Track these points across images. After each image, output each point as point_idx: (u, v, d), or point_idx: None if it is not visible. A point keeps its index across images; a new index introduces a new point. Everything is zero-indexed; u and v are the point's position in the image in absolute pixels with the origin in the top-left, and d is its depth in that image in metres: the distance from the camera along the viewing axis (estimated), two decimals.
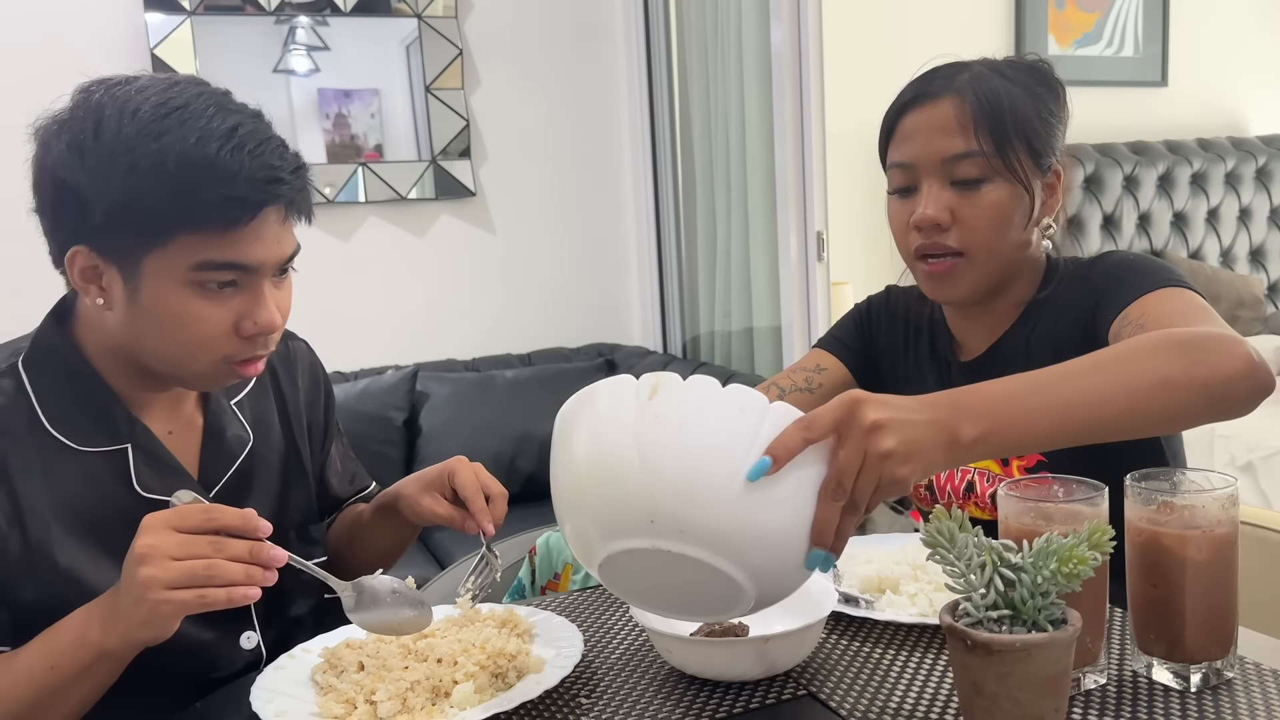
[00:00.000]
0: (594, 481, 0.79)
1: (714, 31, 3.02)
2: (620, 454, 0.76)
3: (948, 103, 1.14)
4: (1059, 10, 3.68)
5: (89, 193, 0.93)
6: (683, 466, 0.75)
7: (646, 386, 0.78)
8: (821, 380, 1.34)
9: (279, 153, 0.97)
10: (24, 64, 2.67)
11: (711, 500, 0.75)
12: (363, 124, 3.06)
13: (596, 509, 0.80)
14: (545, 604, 1.14)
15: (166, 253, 0.94)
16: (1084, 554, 0.74)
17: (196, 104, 0.95)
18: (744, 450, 0.75)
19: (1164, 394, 0.86)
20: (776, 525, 0.76)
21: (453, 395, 2.93)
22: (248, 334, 1.00)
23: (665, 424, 0.76)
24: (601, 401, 0.81)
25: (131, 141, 0.92)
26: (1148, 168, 3.67)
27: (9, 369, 1.03)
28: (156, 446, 1.06)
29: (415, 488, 1.15)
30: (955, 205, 1.14)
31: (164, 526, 0.86)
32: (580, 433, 0.81)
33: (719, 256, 3.13)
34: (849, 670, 0.93)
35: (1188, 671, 0.85)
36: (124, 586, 0.87)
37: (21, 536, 0.99)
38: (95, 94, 0.96)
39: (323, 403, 1.27)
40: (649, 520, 0.76)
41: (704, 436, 0.75)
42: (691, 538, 0.76)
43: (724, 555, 0.76)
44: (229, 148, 0.93)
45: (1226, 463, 2.64)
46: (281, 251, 1.00)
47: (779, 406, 0.77)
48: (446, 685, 0.89)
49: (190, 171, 0.92)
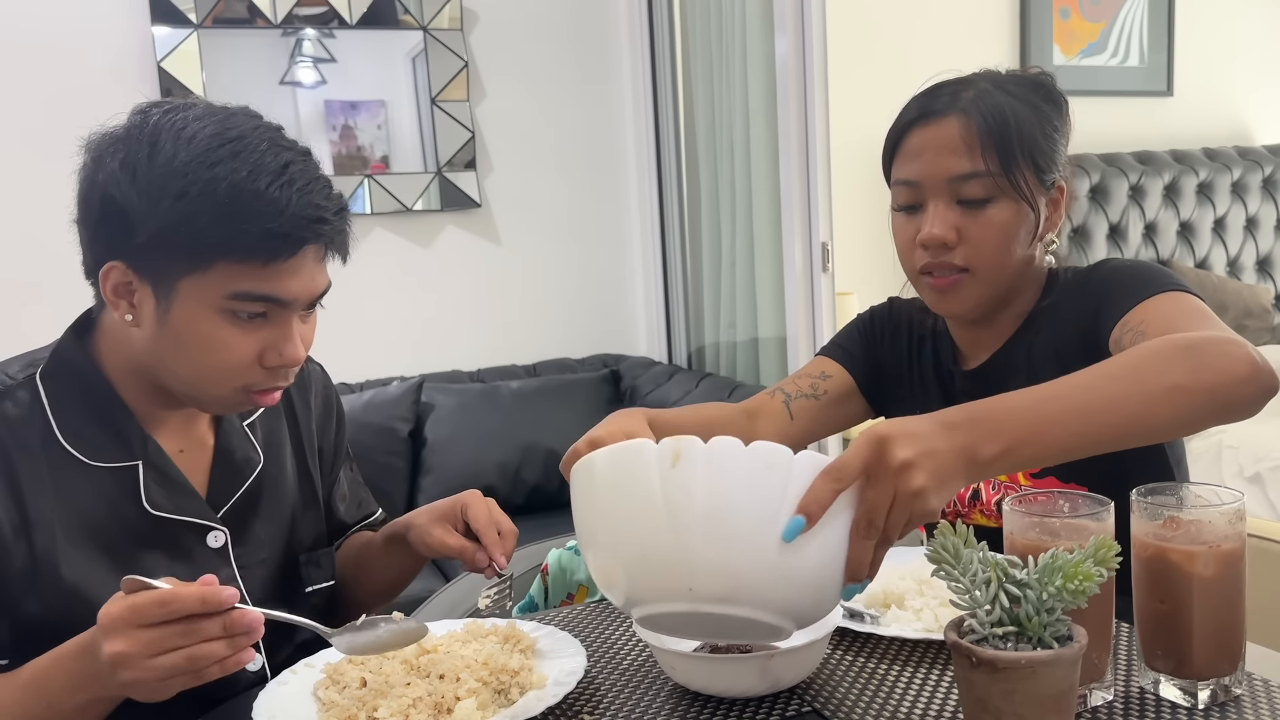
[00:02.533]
0: (625, 554, 0.79)
1: (718, 41, 3.03)
2: (651, 526, 0.76)
3: (954, 121, 1.14)
4: (1064, 20, 3.68)
5: (137, 212, 0.94)
6: (716, 534, 0.75)
7: (668, 453, 0.77)
8: (827, 387, 1.33)
9: (325, 193, 0.99)
10: (32, 76, 2.68)
11: (750, 564, 0.76)
12: (369, 135, 3.07)
13: (630, 579, 0.80)
14: (548, 619, 1.13)
15: (205, 278, 0.96)
16: (1090, 570, 0.73)
17: (251, 137, 0.97)
18: (775, 509, 0.75)
19: (1174, 400, 0.87)
20: (815, 574, 0.77)
21: (458, 406, 2.93)
22: (271, 365, 1.01)
23: (693, 493, 0.75)
24: (623, 472, 0.79)
25: (185, 167, 0.94)
26: (1153, 177, 3.66)
27: (26, 380, 1.03)
28: (167, 465, 1.06)
29: (427, 518, 1.14)
30: (961, 224, 1.14)
31: (126, 627, 0.81)
32: (605, 507, 0.80)
33: (724, 267, 3.13)
34: (854, 686, 0.93)
35: (1195, 688, 0.84)
36: (108, 684, 0.84)
37: (28, 549, 0.99)
38: (153, 116, 0.98)
39: (334, 427, 1.27)
40: (687, 588, 0.77)
41: (734, 501, 0.75)
42: (733, 600, 0.77)
43: (766, 609, 0.78)
44: (279, 183, 0.95)
45: (1234, 474, 2.63)
46: (315, 288, 1.02)
47: (804, 458, 0.77)
48: (449, 702, 0.89)
49: (240, 203, 0.94)
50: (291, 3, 2.93)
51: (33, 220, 2.70)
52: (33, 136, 2.69)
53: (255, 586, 1.12)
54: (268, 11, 2.91)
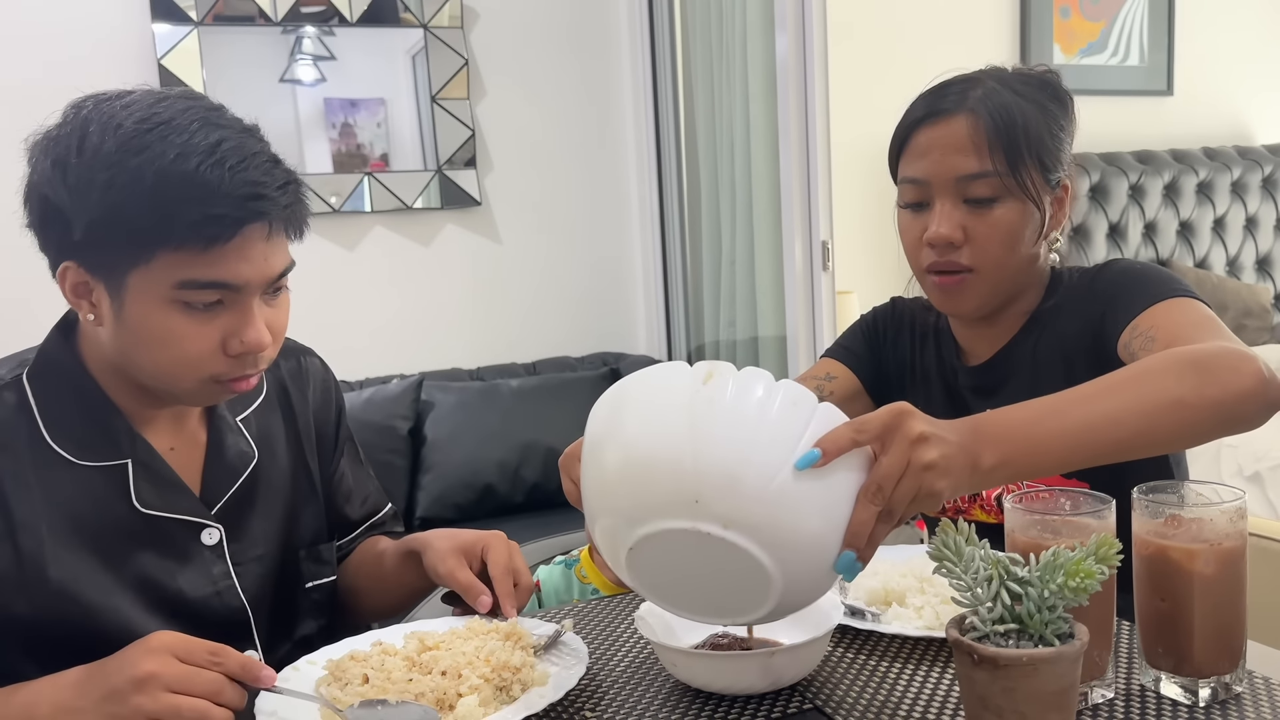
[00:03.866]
0: (641, 459, 0.79)
1: (719, 39, 3.03)
2: (672, 433, 0.77)
3: (961, 120, 1.15)
4: (1064, 20, 3.68)
5: (70, 209, 0.92)
6: (733, 449, 0.76)
7: (701, 371, 0.80)
8: (833, 388, 1.34)
9: (264, 169, 0.95)
10: (31, 75, 2.68)
11: (757, 485, 0.76)
12: (369, 133, 3.07)
13: (639, 487, 0.80)
14: (549, 616, 1.13)
15: (149, 270, 0.93)
16: (1091, 568, 0.73)
17: (181, 119, 0.93)
18: (794, 441, 0.77)
19: (1177, 415, 0.88)
20: (815, 519, 0.78)
21: (458, 404, 2.93)
22: (235, 353, 0.98)
23: (718, 408, 0.77)
24: (655, 382, 0.82)
25: (111, 157, 0.91)
26: (1153, 177, 3.66)
27: (13, 381, 1.02)
28: (157, 462, 1.05)
29: (445, 545, 1.11)
30: (968, 223, 1.15)
31: (169, 654, 0.83)
32: (631, 411, 0.81)
33: (724, 265, 3.13)
34: (855, 684, 0.93)
35: (1196, 686, 0.85)
36: (108, 695, 0.83)
37: (13, 550, 0.98)
38: (84, 109, 0.96)
39: (334, 415, 1.25)
40: (693, 500, 0.77)
41: (756, 423, 0.77)
42: (734, 523, 0.77)
43: (760, 543, 0.77)
44: (209, 163, 0.92)
45: (1234, 473, 2.63)
46: (270, 269, 0.98)
47: (829, 407, 0.80)
48: (451, 698, 0.89)
49: (168, 188, 0.90)
50: (292, 0, 2.93)
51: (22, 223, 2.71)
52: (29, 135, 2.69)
53: (251, 583, 1.11)
54: (268, 9, 2.91)
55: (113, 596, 1.01)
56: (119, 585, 1.02)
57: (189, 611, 1.06)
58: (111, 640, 1.00)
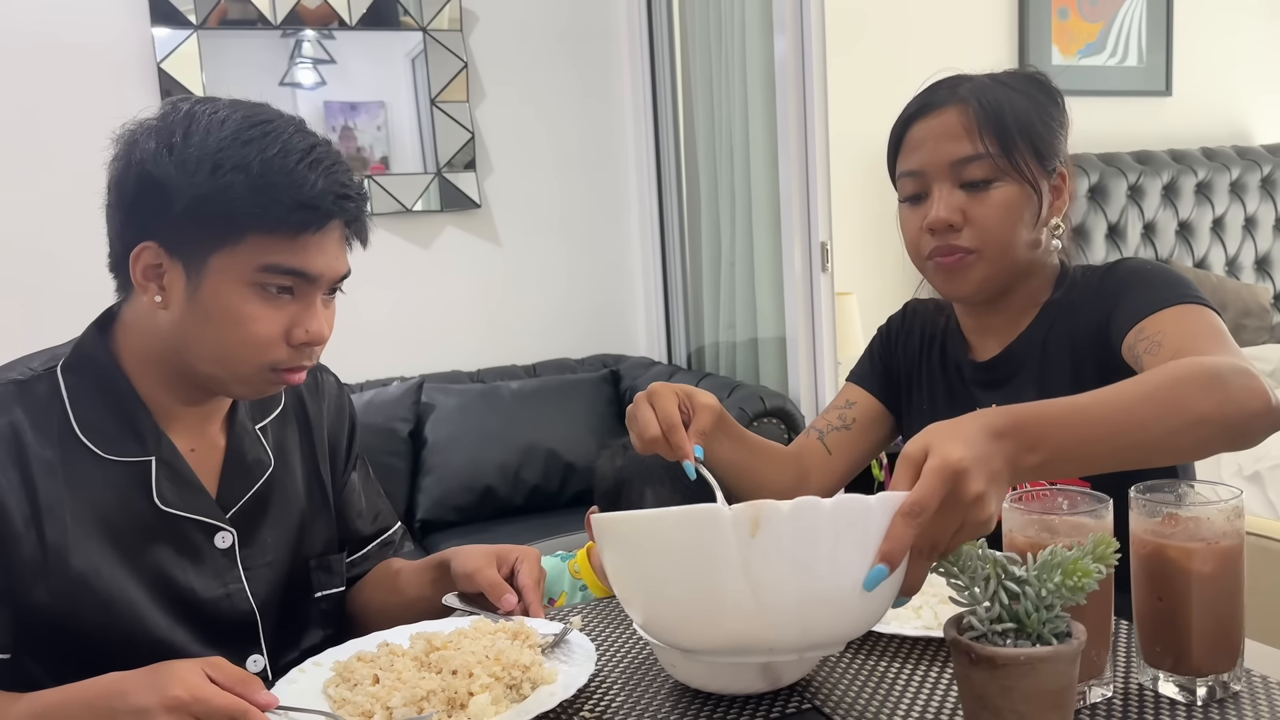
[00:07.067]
0: (697, 620, 0.78)
1: (718, 42, 3.03)
2: (730, 595, 0.75)
3: (953, 110, 1.18)
4: (1062, 20, 3.68)
5: (174, 185, 0.98)
6: (803, 600, 0.75)
7: (745, 521, 0.73)
8: (855, 415, 1.37)
9: (349, 175, 1.05)
10: (32, 78, 2.68)
11: (833, 619, 0.77)
12: (369, 136, 3.07)
13: (699, 639, 0.80)
14: (555, 615, 1.14)
15: (236, 251, 0.99)
16: (1089, 567, 0.74)
17: (279, 123, 1.02)
18: (860, 565, 0.74)
19: (1198, 430, 0.88)
20: (882, 605, 0.79)
21: (458, 406, 2.94)
22: (297, 342, 1.04)
23: (778, 562, 0.74)
24: (696, 537, 0.75)
25: (223, 143, 0.99)
26: (1152, 177, 3.67)
27: (47, 373, 1.05)
28: (179, 462, 1.07)
29: (478, 549, 1.15)
30: (966, 206, 1.17)
31: (204, 688, 0.83)
32: (672, 565, 0.78)
33: (723, 267, 3.13)
34: (854, 684, 0.93)
35: (1194, 684, 0.85)
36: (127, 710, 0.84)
37: (38, 538, 1.00)
38: (184, 105, 1.02)
39: (347, 430, 1.29)
40: (768, 649, 0.78)
41: (820, 565, 0.74)
42: (809, 648, 0.79)
43: (835, 645, 0.82)
44: (307, 161, 1.01)
45: (1234, 473, 2.63)
46: (338, 268, 1.06)
47: (880, 502, 0.74)
48: (462, 697, 0.89)
49: (271, 176, 0.98)
50: (291, 4, 2.94)
51: (34, 219, 2.72)
52: (33, 137, 2.70)
53: (261, 589, 1.12)
54: (268, 13, 2.91)
55: (128, 590, 1.03)
56: (135, 579, 1.04)
57: (199, 611, 1.08)
58: (123, 634, 1.01)
